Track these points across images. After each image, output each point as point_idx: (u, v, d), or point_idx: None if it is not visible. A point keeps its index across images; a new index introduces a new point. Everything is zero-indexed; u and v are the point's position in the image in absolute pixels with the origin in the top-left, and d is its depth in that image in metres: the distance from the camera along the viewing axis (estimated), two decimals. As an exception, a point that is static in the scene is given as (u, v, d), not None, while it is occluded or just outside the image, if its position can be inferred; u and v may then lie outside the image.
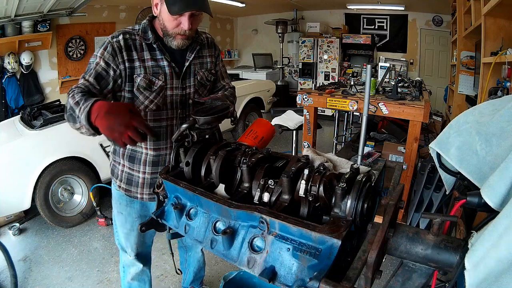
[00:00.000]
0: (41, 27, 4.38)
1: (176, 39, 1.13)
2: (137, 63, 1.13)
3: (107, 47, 1.10)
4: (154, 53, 1.16)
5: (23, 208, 2.52)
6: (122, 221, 1.38)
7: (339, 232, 0.58)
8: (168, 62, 1.17)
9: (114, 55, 1.10)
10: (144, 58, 1.15)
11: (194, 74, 1.25)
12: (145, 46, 1.15)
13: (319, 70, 6.60)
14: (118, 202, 1.36)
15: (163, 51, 1.17)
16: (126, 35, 1.13)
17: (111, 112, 0.86)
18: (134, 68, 1.13)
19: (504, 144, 0.60)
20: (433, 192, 2.25)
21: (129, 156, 1.26)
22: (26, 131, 2.63)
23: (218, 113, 0.92)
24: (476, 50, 3.18)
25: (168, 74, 1.18)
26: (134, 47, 1.14)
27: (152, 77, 1.15)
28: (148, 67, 1.15)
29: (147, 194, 1.29)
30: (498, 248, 0.43)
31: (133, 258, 1.45)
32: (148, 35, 1.16)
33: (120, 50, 1.10)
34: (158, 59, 1.17)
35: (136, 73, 1.14)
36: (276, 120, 2.93)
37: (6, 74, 4.30)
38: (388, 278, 0.66)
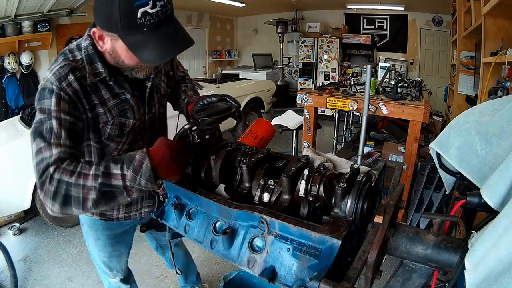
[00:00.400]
0: (41, 27, 4.39)
1: (142, 70, 0.92)
2: (100, 109, 0.90)
3: (60, 96, 0.80)
4: (112, 88, 0.92)
5: (23, 208, 2.52)
6: (100, 246, 1.25)
7: (339, 232, 0.58)
8: (131, 94, 0.96)
9: (74, 103, 0.83)
10: (104, 99, 0.91)
11: (157, 90, 1.07)
12: (99, 83, 0.90)
13: (319, 70, 6.60)
14: (93, 229, 1.21)
15: (121, 83, 0.93)
16: (76, 73, 0.85)
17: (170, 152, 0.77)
18: (98, 116, 0.90)
19: (504, 144, 0.60)
20: (433, 192, 2.25)
21: None
22: (26, 131, 2.63)
23: (221, 114, 0.92)
24: (476, 50, 3.18)
25: (135, 105, 0.98)
26: (91, 88, 0.88)
27: (120, 119, 0.96)
28: (112, 108, 0.93)
29: (123, 213, 1.18)
30: (498, 248, 0.43)
31: (119, 280, 1.39)
32: (98, 67, 0.88)
33: (77, 95, 0.84)
34: (119, 94, 0.94)
35: (102, 121, 0.92)
36: (276, 120, 2.93)
37: (6, 74, 4.30)
38: (388, 278, 0.66)
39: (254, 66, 7.37)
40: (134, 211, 1.22)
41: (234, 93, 4.38)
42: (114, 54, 0.85)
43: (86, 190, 0.71)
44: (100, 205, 0.74)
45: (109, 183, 0.72)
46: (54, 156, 0.74)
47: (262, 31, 7.82)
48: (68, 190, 0.71)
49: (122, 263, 1.37)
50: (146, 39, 0.76)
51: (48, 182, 0.72)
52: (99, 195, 0.72)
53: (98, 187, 0.71)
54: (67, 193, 0.71)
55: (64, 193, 0.71)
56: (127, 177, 0.72)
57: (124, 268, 1.39)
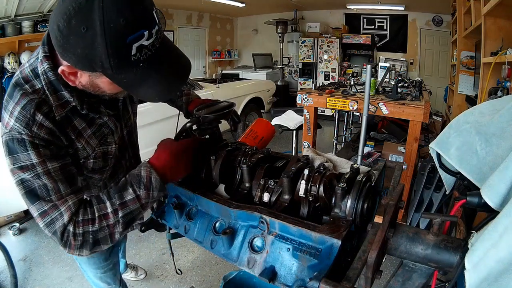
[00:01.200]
0: (41, 27, 4.38)
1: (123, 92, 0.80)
2: (78, 145, 0.79)
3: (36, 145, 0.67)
4: (85, 115, 0.79)
5: (23, 208, 2.52)
6: (95, 263, 1.20)
7: (339, 232, 0.58)
8: (107, 115, 0.84)
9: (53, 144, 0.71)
10: (79, 130, 0.78)
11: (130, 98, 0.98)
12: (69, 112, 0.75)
13: (319, 70, 6.60)
14: None
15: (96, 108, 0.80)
16: (43, 109, 0.69)
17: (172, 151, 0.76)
18: (77, 152, 0.79)
19: (504, 144, 0.60)
20: (433, 192, 2.25)
21: None
22: (26, 131, 2.63)
23: (222, 111, 0.92)
24: (476, 50, 3.18)
25: (113, 127, 0.88)
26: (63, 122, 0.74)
27: (102, 149, 0.86)
28: (91, 140, 0.82)
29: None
30: (498, 248, 0.43)
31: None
32: (64, 96, 0.73)
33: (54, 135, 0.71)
34: (94, 119, 0.82)
35: (82, 156, 0.81)
36: (276, 120, 2.93)
37: (6, 74, 4.30)
38: (388, 278, 0.66)
39: (254, 66, 7.38)
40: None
41: (234, 93, 4.39)
42: (92, 88, 0.71)
43: (111, 228, 0.71)
44: (125, 231, 0.74)
45: (129, 211, 0.71)
46: (66, 214, 0.68)
47: (262, 31, 7.82)
48: (95, 236, 0.70)
49: (117, 274, 1.34)
50: (143, 74, 0.62)
51: (73, 240, 0.68)
52: (124, 226, 0.72)
53: (121, 221, 0.71)
54: (95, 239, 0.70)
55: (92, 240, 0.70)
56: (141, 197, 0.72)
57: (119, 277, 1.37)
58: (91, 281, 1.30)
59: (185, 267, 2.20)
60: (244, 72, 7.01)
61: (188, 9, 6.91)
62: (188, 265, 2.26)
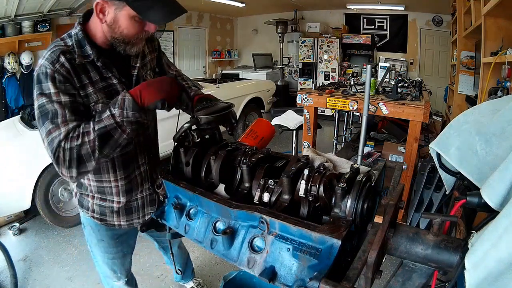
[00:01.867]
0: (41, 27, 4.38)
1: (137, 44, 0.98)
2: (90, 89, 0.94)
3: (55, 78, 0.87)
4: (100, 72, 0.97)
5: (23, 208, 2.52)
6: (105, 247, 1.25)
7: (339, 232, 0.58)
8: (117, 79, 1.00)
9: (69, 82, 0.89)
10: (94, 80, 0.96)
11: (143, 79, 1.10)
12: (88, 65, 0.95)
13: (319, 70, 6.60)
14: (96, 230, 1.21)
15: (109, 67, 0.98)
16: (66, 55, 0.90)
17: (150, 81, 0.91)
18: (89, 96, 0.94)
19: (504, 144, 0.60)
20: (433, 192, 2.25)
21: (98, 191, 1.12)
22: (26, 131, 2.63)
23: (221, 112, 0.92)
24: (476, 50, 3.18)
25: (121, 91, 0.99)
26: (81, 69, 0.93)
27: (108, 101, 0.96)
28: (99, 91, 0.97)
29: (124, 221, 1.18)
30: (498, 248, 0.43)
31: (123, 283, 1.38)
32: (87, 51, 0.94)
33: (70, 75, 0.90)
34: (106, 78, 0.98)
35: (92, 100, 0.95)
36: (276, 120, 2.93)
37: (6, 74, 4.30)
38: (388, 278, 0.66)
39: (254, 66, 7.37)
40: (136, 219, 1.20)
41: (234, 93, 4.39)
42: (114, 25, 0.91)
43: (91, 143, 0.83)
44: (104, 149, 0.85)
45: (103, 126, 0.83)
46: (63, 133, 0.83)
47: (262, 31, 7.81)
48: (79, 151, 0.82)
49: (126, 265, 1.36)
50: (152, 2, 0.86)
51: (62, 156, 0.82)
52: (99, 140, 0.83)
53: (96, 134, 0.83)
54: (79, 154, 0.83)
55: (76, 156, 0.82)
56: (115, 115, 0.84)
57: (127, 270, 1.38)
58: (98, 265, 1.32)
59: (185, 267, 2.20)
60: (244, 72, 7.01)
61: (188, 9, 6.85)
62: (188, 265, 2.26)
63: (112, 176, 1.09)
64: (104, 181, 1.10)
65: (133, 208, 1.18)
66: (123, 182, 1.11)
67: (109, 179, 1.09)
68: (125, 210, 1.17)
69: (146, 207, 1.20)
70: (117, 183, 1.11)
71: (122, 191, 1.12)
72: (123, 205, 1.15)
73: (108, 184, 1.11)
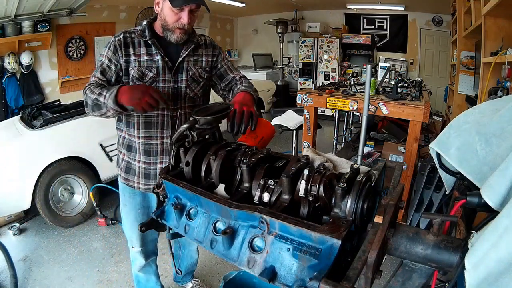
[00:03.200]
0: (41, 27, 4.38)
1: (175, 33, 1.24)
2: (132, 58, 1.27)
3: (110, 46, 1.26)
4: (149, 49, 1.28)
5: (23, 208, 2.52)
6: (127, 212, 1.48)
7: (339, 232, 0.57)
8: (161, 57, 1.28)
9: (115, 52, 1.25)
10: (140, 53, 1.27)
11: (187, 69, 1.33)
12: (143, 43, 1.28)
13: (319, 70, 6.60)
14: (122, 194, 1.47)
15: (158, 46, 1.27)
16: (126, 34, 1.28)
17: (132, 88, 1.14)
18: (129, 62, 1.27)
19: (504, 144, 0.60)
20: (433, 192, 2.25)
21: (127, 145, 1.38)
22: (26, 131, 2.63)
23: (219, 113, 0.92)
24: (476, 50, 3.18)
25: (161, 67, 1.28)
26: (132, 44, 1.27)
27: (145, 70, 1.27)
28: (142, 61, 1.27)
29: (143, 184, 1.39)
30: (498, 248, 0.43)
31: (137, 251, 1.55)
32: (146, 34, 1.27)
33: (120, 47, 1.25)
34: (152, 54, 1.28)
35: (130, 66, 1.27)
36: (276, 120, 2.93)
37: (6, 74, 4.30)
38: (388, 278, 0.66)
39: (254, 66, 7.37)
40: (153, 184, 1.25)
41: (234, 93, 4.39)
42: (162, 14, 1.24)
43: (90, 100, 1.17)
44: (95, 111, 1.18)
45: (98, 98, 1.14)
46: (91, 81, 1.23)
47: (262, 31, 7.81)
48: (86, 99, 1.19)
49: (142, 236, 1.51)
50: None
51: (84, 93, 1.21)
52: (93, 104, 1.17)
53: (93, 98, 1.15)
54: (86, 101, 1.20)
55: (85, 100, 1.21)
56: (106, 97, 1.12)
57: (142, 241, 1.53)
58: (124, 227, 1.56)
59: (185, 267, 2.20)
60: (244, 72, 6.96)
61: (188, 9, 6.89)
62: (188, 265, 2.26)
63: (136, 131, 1.33)
64: (131, 134, 1.35)
65: (151, 175, 1.37)
66: (143, 141, 1.33)
67: (134, 134, 1.34)
68: (144, 174, 1.37)
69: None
70: (139, 139, 1.33)
71: (142, 149, 1.34)
72: (142, 167, 1.36)
73: (133, 139, 1.35)
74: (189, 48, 1.32)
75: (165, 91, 1.31)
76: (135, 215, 1.47)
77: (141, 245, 1.54)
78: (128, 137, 1.37)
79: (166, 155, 1.35)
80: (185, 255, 1.85)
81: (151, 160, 1.35)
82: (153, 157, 1.35)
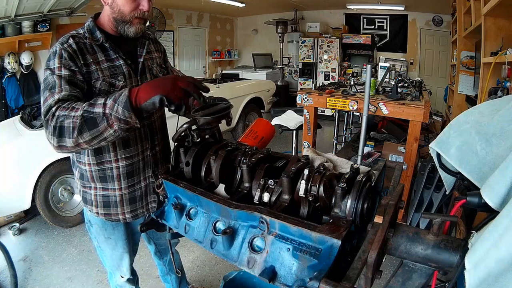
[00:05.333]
0: (41, 27, 4.38)
1: (134, 24, 1.07)
2: (93, 67, 1.04)
3: (61, 54, 0.98)
4: (107, 54, 1.09)
5: (23, 208, 2.52)
6: (112, 245, 1.30)
7: (339, 232, 0.58)
8: (123, 60, 1.11)
9: (72, 59, 0.99)
10: (99, 60, 1.06)
11: (150, 69, 1.20)
12: (96, 47, 1.07)
13: (319, 70, 6.60)
14: (103, 229, 1.26)
15: (116, 49, 1.10)
16: (75, 38, 1.03)
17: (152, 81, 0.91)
18: (91, 73, 1.04)
19: (504, 144, 0.60)
20: (433, 192, 2.25)
21: (99, 176, 1.14)
22: (26, 131, 2.63)
23: (218, 113, 0.92)
24: (476, 50, 3.18)
25: (126, 73, 1.11)
26: (87, 50, 1.04)
27: (111, 79, 1.07)
28: (105, 69, 1.07)
29: (129, 212, 1.21)
30: (498, 248, 0.43)
31: (125, 280, 1.42)
32: (97, 35, 1.07)
33: (76, 54, 1.01)
34: (113, 59, 1.09)
35: (93, 77, 1.04)
36: (276, 120, 2.93)
37: (6, 74, 4.30)
38: (388, 278, 0.66)
39: (254, 66, 7.37)
40: (140, 208, 1.24)
41: (234, 93, 4.39)
42: (113, 4, 1.04)
43: (74, 119, 0.85)
44: (84, 133, 0.85)
45: (91, 110, 0.85)
46: (56, 99, 0.90)
47: (262, 31, 7.82)
48: (62, 122, 0.86)
49: (131, 262, 1.40)
50: None
51: (50, 120, 0.87)
52: (82, 121, 0.84)
53: (81, 113, 0.84)
54: (61, 125, 0.86)
55: (59, 125, 0.86)
56: (107, 105, 0.84)
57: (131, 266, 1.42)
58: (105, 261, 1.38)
59: (185, 267, 2.20)
60: (244, 72, 7.01)
61: (188, 9, 6.90)
62: (188, 265, 2.27)
63: (112, 155, 1.11)
64: (105, 162, 1.12)
65: (137, 197, 1.20)
66: (124, 163, 1.13)
67: (109, 159, 1.12)
68: (129, 200, 1.19)
69: (149, 195, 1.23)
70: (117, 163, 1.13)
71: (123, 173, 1.14)
72: (126, 193, 1.17)
73: (109, 166, 1.13)
74: (144, 44, 1.18)
75: None
76: (123, 245, 1.31)
77: (131, 271, 1.42)
78: (97, 167, 1.13)
79: (149, 168, 1.20)
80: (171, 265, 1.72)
81: (135, 180, 1.18)
82: (136, 176, 1.18)
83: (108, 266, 1.41)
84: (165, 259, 1.68)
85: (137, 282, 1.53)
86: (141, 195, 1.21)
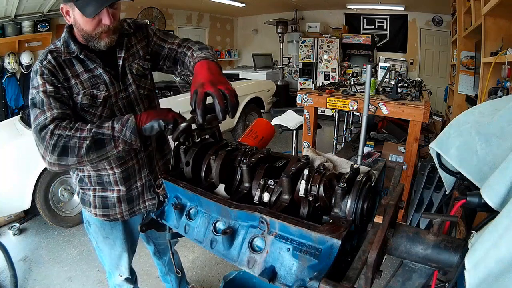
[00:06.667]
0: (41, 27, 4.39)
1: (102, 38, 1.03)
2: (72, 81, 1.03)
3: (43, 72, 0.99)
4: (85, 64, 1.06)
5: (23, 208, 2.52)
6: (110, 244, 1.32)
7: (339, 232, 0.57)
8: (102, 68, 1.08)
9: (54, 76, 1.00)
10: (78, 73, 1.05)
11: (130, 69, 1.16)
12: (74, 60, 1.05)
13: (319, 70, 6.61)
14: (101, 229, 1.28)
15: (92, 58, 1.06)
16: (53, 54, 1.03)
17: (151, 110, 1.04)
18: (71, 88, 1.03)
19: (504, 144, 0.60)
20: (433, 192, 2.25)
21: (97, 182, 1.18)
22: (26, 131, 2.63)
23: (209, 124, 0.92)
24: (476, 50, 3.18)
25: (108, 81, 1.09)
26: (65, 64, 1.04)
27: (92, 91, 1.06)
28: (85, 81, 1.05)
29: (126, 210, 1.24)
30: (498, 248, 0.43)
31: (124, 279, 1.43)
32: (71, 48, 1.05)
33: (55, 69, 1.01)
34: (91, 69, 1.07)
35: (74, 92, 1.03)
36: (276, 120, 2.93)
37: (6, 74, 4.30)
38: (388, 278, 0.66)
39: (254, 66, 7.38)
40: (137, 206, 1.26)
41: (234, 93, 4.39)
42: (76, 24, 1.02)
43: (81, 140, 0.90)
44: (91, 152, 0.91)
45: (101, 132, 0.92)
46: (49, 117, 0.93)
47: (262, 31, 7.82)
48: (66, 142, 0.90)
49: (130, 261, 1.41)
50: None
51: (48, 137, 0.90)
52: (92, 142, 0.91)
53: (91, 135, 0.91)
54: (65, 145, 0.90)
55: (63, 144, 0.90)
56: (115, 129, 0.92)
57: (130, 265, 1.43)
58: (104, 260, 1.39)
59: (185, 267, 2.20)
60: (244, 72, 7.01)
61: (188, 9, 6.91)
62: (188, 265, 2.27)
63: (107, 164, 1.14)
64: (101, 169, 1.16)
65: (134, 197, 1.24)
66: (119, 169, 1.16)
67: (105, 167, 1.15)
68: (126, 200, 1.22)
69: (146, 193, 1.25)
70: (113, 171, 1.16)
71: (120, 179, 1.17)
72: (124, 194, 1.20)
73: (106, 173, 1.16)
74: (123, 44, 1.13)
75: (120, 105, 1.13)
76: (121, 245, 1.33)
77: (129, 270, 1.43)
78: (95, 173, 1.17)
79: (144, 168, 1.22)
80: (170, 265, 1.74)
81: (131, 182, 1.21)
82: (132, 179, 1.20)
83: (106, 266, 1.42)
84: (164, 259, 1.69)
85: (135, 281, 1.53)
86: (138, 194, 1.24)
